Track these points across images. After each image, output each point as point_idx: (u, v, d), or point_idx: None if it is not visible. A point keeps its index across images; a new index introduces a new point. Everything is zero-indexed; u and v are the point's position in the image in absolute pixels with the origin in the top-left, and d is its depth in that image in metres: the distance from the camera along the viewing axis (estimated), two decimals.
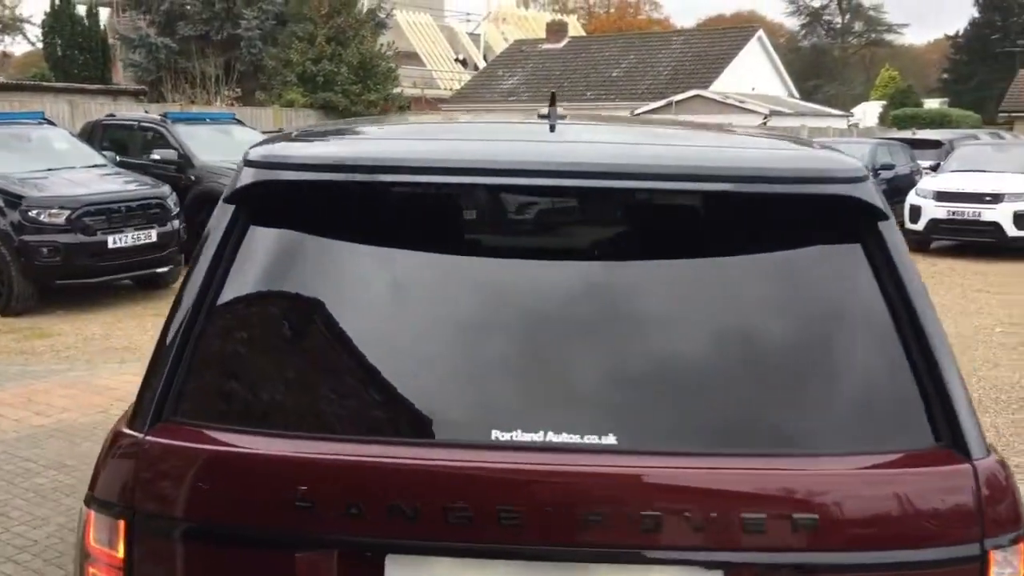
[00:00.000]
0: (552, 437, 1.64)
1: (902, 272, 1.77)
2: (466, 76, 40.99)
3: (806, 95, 42.97)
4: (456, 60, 43.38)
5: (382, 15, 27.07)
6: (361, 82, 23.94)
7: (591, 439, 1.63)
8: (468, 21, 48.84)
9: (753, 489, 1.59)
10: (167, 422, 1.75)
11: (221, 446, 1.71)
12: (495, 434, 1.65)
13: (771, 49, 36.14)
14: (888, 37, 61.67)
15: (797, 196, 1.82)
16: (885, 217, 1.83)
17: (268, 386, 1.79)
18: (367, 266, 1.88)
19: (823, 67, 58.08)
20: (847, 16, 61.46)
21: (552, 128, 2.16)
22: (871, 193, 1.82)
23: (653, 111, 27.17)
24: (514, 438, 1.64)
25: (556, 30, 38.57)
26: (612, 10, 70.86)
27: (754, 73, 33.65)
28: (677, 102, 26.73)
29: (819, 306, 1.79)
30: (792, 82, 37.41)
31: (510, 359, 1.73)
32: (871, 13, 60.25)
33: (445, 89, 38.78)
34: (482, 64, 42.75)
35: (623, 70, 34.50)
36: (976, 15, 54.64)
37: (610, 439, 1.63)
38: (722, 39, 34.56)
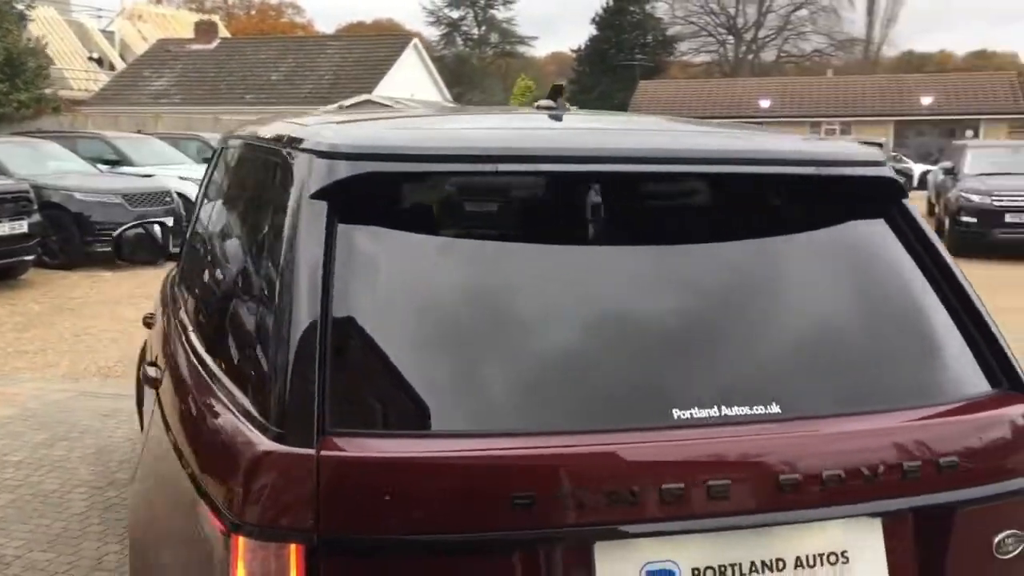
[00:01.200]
0: (726, 411, 1.74)
1: (931, 239, 2.08)
2: (104, 76, 38.01)
3: (454, 101, 44.80)
4: (90, 59, 40.08)
5: (21, 6, 24.41)
6: (8, 80, 21.51)
7: (758, 409, 1.76)
8: (100, 17, 45.28)
9: (900, 441, 1.80)
10: (332, 435, 1.61)
11: (419, 453, 1.60)
12: (676, 413, 1.72)
13: (426, 57, 37.35)
14: (521, 49, 65.95)
15: (836, 177, 2.06)
16: (906, 194, 2.14)
17: (428, 387, 1.69)
18: (491, 259, 1.85)
19: (464, 75, 60.72)
20: (483, 28, 64.82)
21: (559, 119, 2.25)
22: (893, 174, 2.12)
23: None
24: (693, 415, 1.72)
25: (206, 30, 36.99)
26: (253, 12, 69.17)
27: (412, 80, 34.57)
28: (347, 106, 26.78)
29: (877, 276, 2.04)
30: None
31: (666, 341, 1.81)
32: (504, 26, 64.05)
33: (80, 90, 35.68)
34: (120, 64, 39.88)
35: (282, 74, 33.89)
36: (595, 32, 60.12)
37: (774, 408, 1.76)
38: (379, 46, 35.12)
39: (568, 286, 1.83)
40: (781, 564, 1.74)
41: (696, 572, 1.69)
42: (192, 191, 14.40)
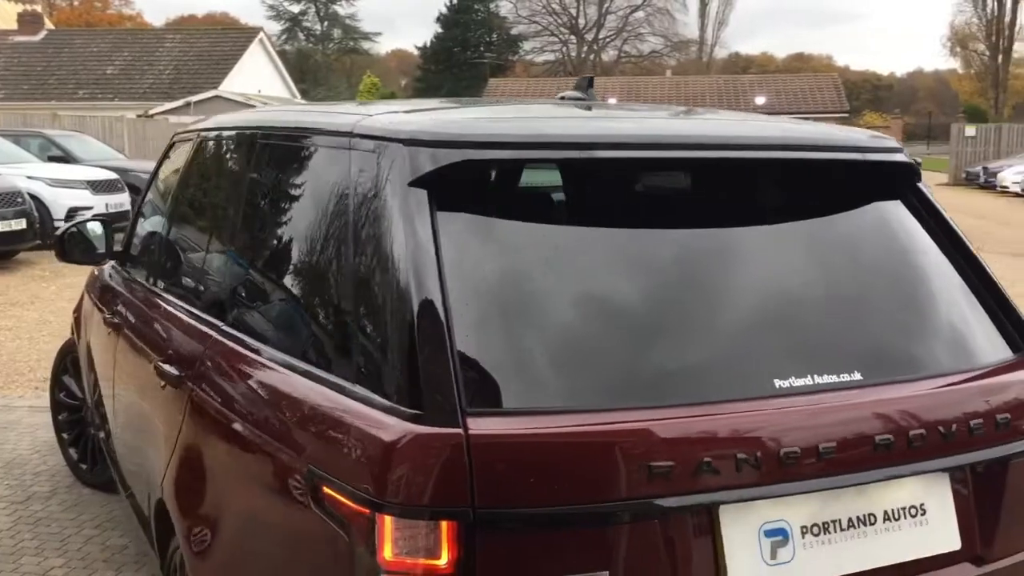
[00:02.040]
0: (817, 379, 1.87)
1: (947, 219, 2.28)
2: None
3: (301, 98, 43.92)
4: None
5: None
6: None
7: (844, 377, 1.89)
8: None
9: (964, 401, 1.98)
10: (471, 415, 1.64)
11: (562, 428, 1.64)
12: (777, 383, 1.83)
13: (273, 52, 36.42)
14: (365, 45, 65.25)
15: (870, 162, 2.24)
16: (921, 177, 2.34)
17: (550, 365, 1.73)
18: (586, 241, 1.91)
19: (308, 72, 59.59)
20: (325, 23, 63.74)
21: (589, 108, 2.34)
22: (909, 158, 2.32)
23: (170, 111, 26.00)
24: (792, 384, 1.84)
25: (30, 21, 34.87)
26: (76, 3, 65.65)
27: (259, 75, 33.68)
28: (195, 103, 25.86)
29: (910, 253, 2.22)
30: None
31: (762, 318, 1.92)
32: (347, 22, 63.20)
33: None
34: None
35: (118, 68, 32.36)
36: (440, 30, 60.25)
37: (856, 375, 1.91)
38: (224, 40, 34.02)
39: (667, 267, 1.92)
40: (872, 519, 1.88)
41: (804, 529, 1.82)
42: (43, 191, 13.69)
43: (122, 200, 14.89)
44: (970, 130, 35.31)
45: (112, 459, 3.96)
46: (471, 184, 1.88)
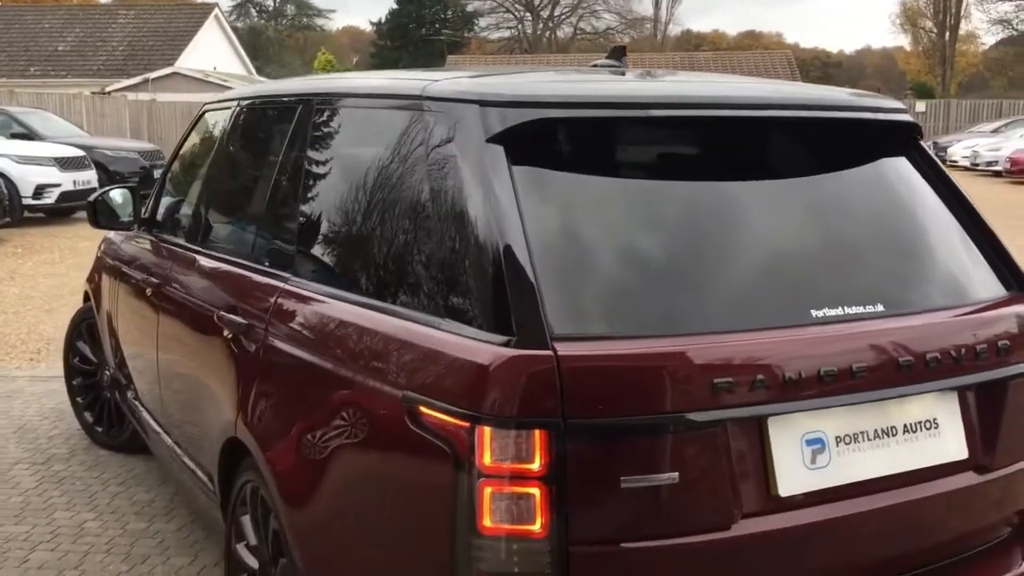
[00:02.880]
0: (847, 310, 2.13)
1: (945, 173, 2.56)
2: None
3: (257, 75, 43.54)
4: None
5: None
6: None
7: (870, 308, 2.16)
8: None
9: (971, 328, 2.25)
10: (557, 339, 1.87)
11: (639, 350, 1.88)
12: (813, 313, 2.10)
13: (228, 28, 36.06)
14: (319, 22, 64.67)
15: (880, 121, 2.51)
16: (923, 135, 2.61)
17: (628, 297, 1.97)
18: (647, 190, 2.16)
19: (261, 48, 58.95)
20: (278, 0, 63.05)
21: (624, 75, 2.59)
22: (912, 118, 2.59)
23: (128, 88, 25.71)
24: (827, 314, 2.11)
25: None
26: None
27: (214, 52, 33.36)
28: (154, 79, 25.60)
29: (917, 202, 2.49)
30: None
31: (801, 257, 2.19)
32: None
33: None
34: None
35: (71, 44, 31.85)
36: (395, 6, 59.88)
37: (879, 307, 2.17)
38: (178, 16, 33.62)
39: (721, 214, 2.17)
40: (894, 431, 2.16)
41: (837, 439, 2.09)
42: (10, 169, 13.60)
43: (89, 177, 14.85)
44: (920, 106, 36.15)
45: (136, 416, 4.14)
46: (542, 140, 2.10)
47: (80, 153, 14.78)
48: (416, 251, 2.18)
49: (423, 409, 1.95)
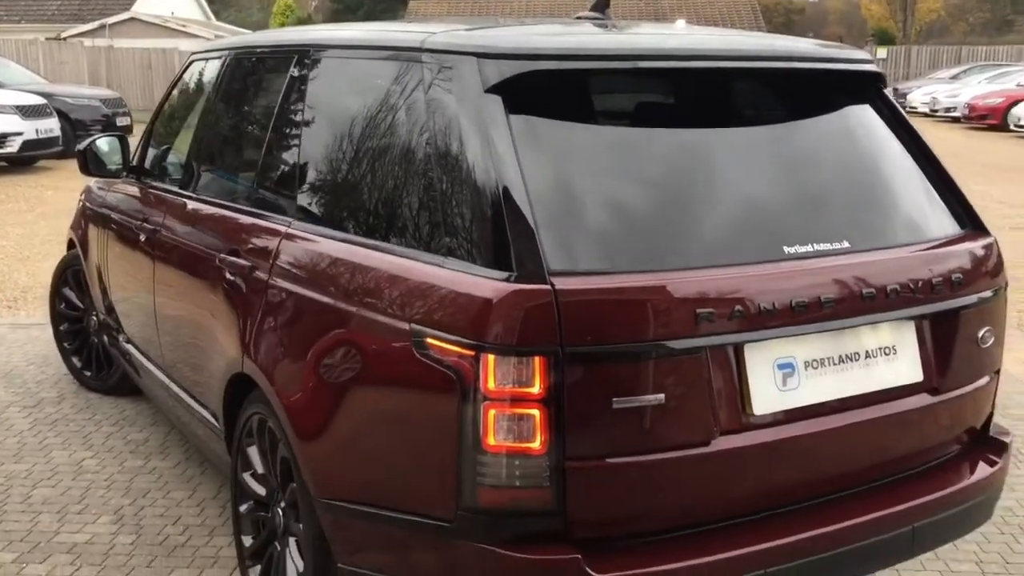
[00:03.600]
0: (817, 247, 2.32)
1: (906, 119, 2.75)
2: None
3: (215, 19, 42.76)
4: None
5: None
6: None
7: (837, 245, 2.36)
8: None
9: (928, 263, 2.45)
10: (554, 274, 2.03)
11: (630, 283, 2.05)
12: (786, 249, 2.29)
13: None
14: None
15: (847, 71, 2.68)
16: (887, 84, 2.79)
17: (618, 235, 2.14)
18: (635, 135, 2.33)
19: None
20: None
21: (608, 28, 2.74)
22: (877, 68, 2.77)
23: (84, 34, 25.20)
24: (798, 250, 2.30)
25: None
26: None
27: None
28: (111, 24, 25.10)
29: (880, 148, 2.68)
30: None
31: (774, 200, 2.37)
32: None
33: None
34: None
35: None
36: None
37: (845, 244, 2.37)
38: None
39: (703, 160, 2.34)
40: (856, 356, 2.37)
41: (806, 364, 2.30)
42: None
43: (51, 125, 14.68)
44: (881, 52, 36.42)
45: (128, 358, 4.27)
46: (536, 90, 2.25)
47: (42, 101, 14.58)
48: (418, 195, 2.33)
49: (430, 340, 2.12)
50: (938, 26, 62.94)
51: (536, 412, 2.02)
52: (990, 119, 23.50)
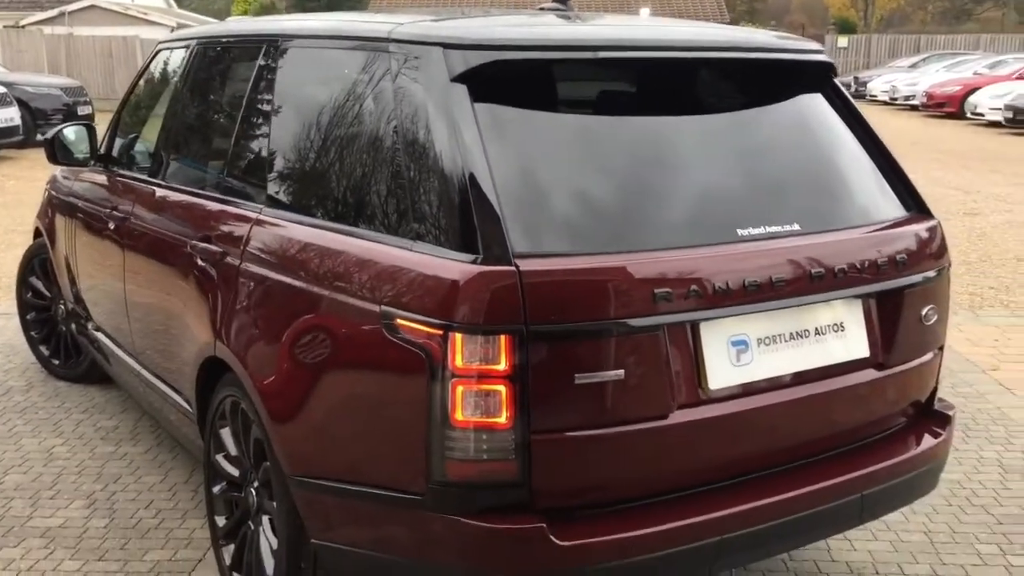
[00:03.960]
0: (769, 229, 2.43)
1: (855, 108, 2.86)
2: None
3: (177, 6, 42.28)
4: None
5: None
6: None
7: (787, 227, 2.46)
8: None
9: (874, 244, 2.56)
10: (518, 256, 2.12)
11: (590, 265, 2.15)
12: (739, 232, 2.40)
13: None
14: None
15: (800, 61, 2.80)
16: (837, 73, 2.91)
17: (581, 219, 2.23)
18: (596, 124, 2.42)
19: None
20: None
21: (571, 19, 2.83)
22: (828, 58, 2.89)
23: (44, 21, 24.86)
24: (751, 233, 2.40)
25: None
26: None
27: None
28: (71, 12, 24.76)
29: (830, 134, 2.79)
30: None
31: (729, 185, 2.47)
32: None
33: None
34: None
35: None
36: None
37: (796, 226, 2.47)
38: None
39: (662, 147, 2.44)
40: (807, 333, 2.49)
41: (759, 340, 2.41)
42: None
43: (12, 114, 14.50)
44: (842, 41, 36.83)
45: (97, 346, 4.30)
46: (501, 79, 2.32)
47: (1, 90, 14.41)
48: (387, 181, 2.41)
49: (400, 321, 2.21)
50: (898, 16, 63.70)
51: (502, 388, 2.11)
52: (948, 107, 23.90)
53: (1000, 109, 20.72)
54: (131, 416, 4.59)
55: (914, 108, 26.16)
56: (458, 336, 2.10)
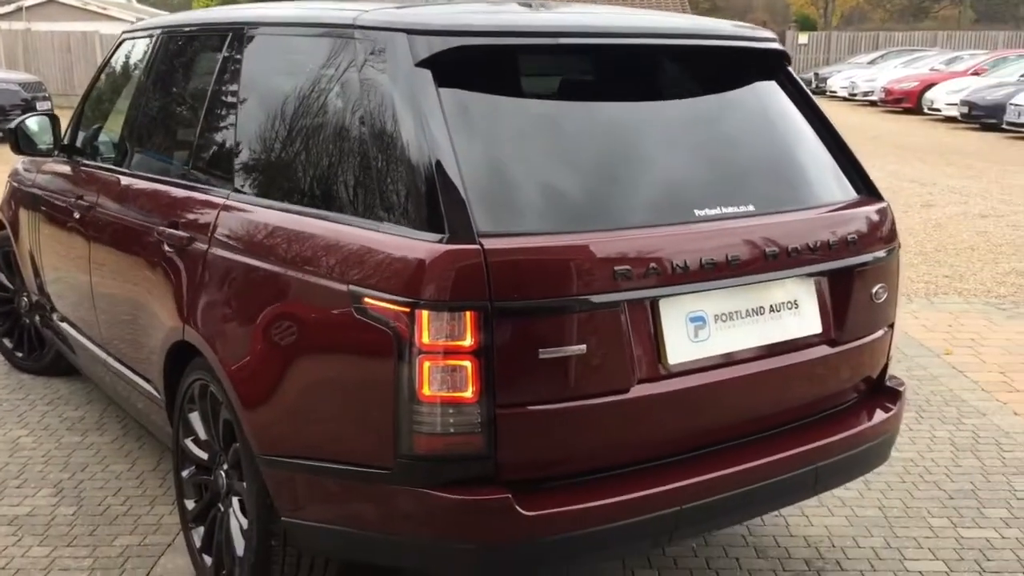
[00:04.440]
0: (724, 210, 2.51)
1: (808, 95, 2.96)
2: None
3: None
4: None
5: None
6: None
7: (743, 208, 2.54)
8: None
9: (827, 225, 2.65)
10: (482, 235, 2.19)
11: (553, 243, 2.21)
12: (696, 212, 2.47)
13: None
14: None
15: (755, 49, 2.88)
16: (791, 62, 3.00)
17: (544, 200, 2.30)
18: (556, 107, 2.49)
19: None
20: None
21: (533, 7, 2.90)
22: (782, 47, 2.98)
23: (0, 16, 24.49)
24: (708, 213, 2.48)
25: None
26: None
27: None
28: (28, 7, 24.43)
29: (783, 120, 2.88)
30: None
31: (685, 167, 2.55)
32: None
33: None
34: None
35: None
36: None
37: (750, 207, 2.56)
38: None
39: (622, 131, 2.51)
40: (761, 310, 2.57)
41: (716, 317, 2.49)
42: None
43: None
44: (803, 38, 37.24)
45: (62, 337, 4.30)
46: (465, 64, 2.38)
47: None
48: (354, 165, 2.46)
49: (368, 300, 2.26)
50: (857, 13, 64.49)
51: (468, 364, 2.17)
52: (905, 102, 24.29)
53: (956, 104, 21.11)
54: (97, 407, 4.59)
55: (872, 104, 26.55)
56: (424, 313, 2.16)
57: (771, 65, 2.94)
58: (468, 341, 2.16)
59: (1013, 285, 7.08)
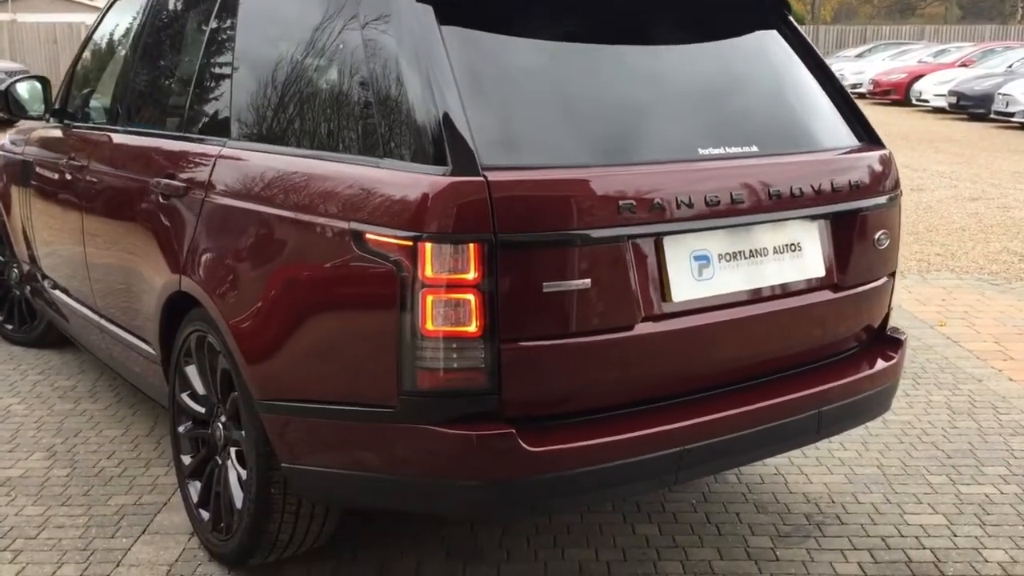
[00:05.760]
0: (727, 150, 2.49)
1: (809, 44, 2.94)
2: None
3: None
4: None
5: None
6: None
7: (746, 148, 2.53)
8: None
9: (832, 168, 2.65)
10: (486, 168, 2.16)
11: (559, 177, 2.19)
12: (701, 151, 2.46)
13: None
14: None
15: None
16: (792, 11, 2.99)
17: (548, 133, 2.29)
18: (558, 45, 2.46)
19: None
20: None
21: None
22: None
23: None
24: (712, 152, 2.46)
25: None
26: None
27: None
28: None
29: (788, 68, 2.87)
30: None
31: (690, 108, 2.54)
32: None
33: None
34: None
35: None
36: None
37: (754, 148, 2.54)
38: None
39: (631, 69, 2.50)
40: (765, 251, 2.55)
41: (719, 256, 2.47)
42: None
43: None
44: None
45: (55, 305, 4.26)
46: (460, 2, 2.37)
47: None
48: (352, 104, 2.43)
49: (370, 236, 2.23)
50: (845, 10, 64.69)
51: (471, 297, 2.14)
52: (894, 94, 24.35)
53: (944, 95, 21.17)
54: (89, 376, 4.55)
55: (861, 96, 26.57)
56: (428, 246, 2.13)
57: (772, 13, 2.92)
58: (472, 275, 2.14)
59: (1005, 263, 7.09)
